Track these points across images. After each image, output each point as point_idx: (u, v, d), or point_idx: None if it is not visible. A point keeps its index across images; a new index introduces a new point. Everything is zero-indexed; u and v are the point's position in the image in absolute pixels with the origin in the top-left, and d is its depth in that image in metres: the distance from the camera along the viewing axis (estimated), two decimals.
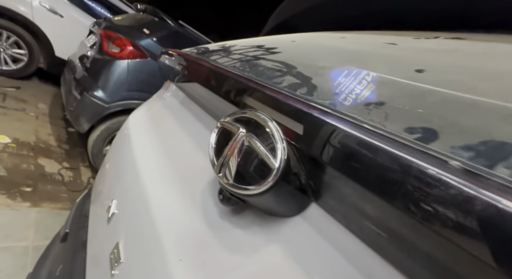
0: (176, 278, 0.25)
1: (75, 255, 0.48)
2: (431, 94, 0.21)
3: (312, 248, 0.22)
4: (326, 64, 0.31)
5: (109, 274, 0.32)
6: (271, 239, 0.24)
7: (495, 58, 0.26)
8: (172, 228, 0.30)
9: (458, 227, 0.13)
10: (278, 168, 0.20)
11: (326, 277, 0.21)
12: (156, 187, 0.37)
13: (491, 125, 0.17)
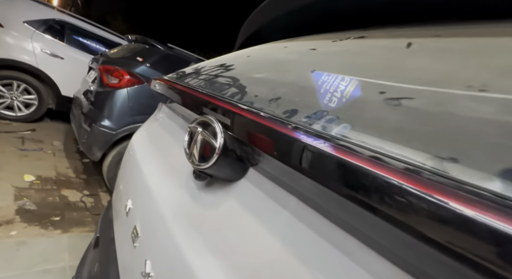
0: (174, 231, 0.38)
1: (107, 249, 0.61)
2: (307, 89, 0.34)
3: (254, 198, 0.35)
4: (258, 75, 0.43)
5: (132, 246, 0.45)
6: (230, 196, 0.36)
7: (362, 54, 0.39)
8: (170, 205, 0.43)
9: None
10: (219, 147, 0.33)
11: (264, 214, 0.33)
12: (157, 183, 0.50)
13: (312, 100, 0.29)
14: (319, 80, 0.35)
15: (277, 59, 0.50)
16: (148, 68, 2.27)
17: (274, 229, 0.30)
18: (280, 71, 0.43)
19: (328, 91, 0.31)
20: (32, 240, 1.48)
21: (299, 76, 0.38)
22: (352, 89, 0.30)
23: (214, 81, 0.48)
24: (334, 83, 0.32)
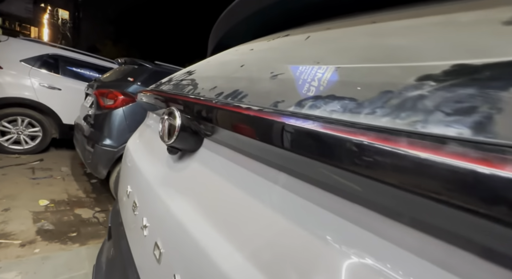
0: (161, 194, 0.53)
1: (118, 233, 0.77)
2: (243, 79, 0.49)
3: (211, 158, 0.50)
4: (207, 74, 0.59)
5: (133, 215, 0.61)
6: (195, 161, 0.52)
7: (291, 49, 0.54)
8: (156, 178, 0.58)
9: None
10: (178, 126, 0.48)
11: (218, 168, 0.48)
12: (146, 166, 0.66)
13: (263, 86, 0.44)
14: (242, 71, 0.50)
15: (225, 60, 0.66)
16: (140, 86, 2.45)
17: (226, 176, 0.45)
18: (223, 69, 0.58)
19: (243, 78, 0.46)
20: (54, 254, 1.64)
21: (232, 71, 0.54)
22: (256, 74, 0.45)
23: (177, 84, 0.64)
24: (248, 73, 0.48)
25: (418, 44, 0.32)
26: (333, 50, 0.42)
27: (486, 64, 0.23)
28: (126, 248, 0.68)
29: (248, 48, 0.70)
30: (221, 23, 0.98)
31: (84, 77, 3.68)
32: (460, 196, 0.16)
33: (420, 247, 0.21)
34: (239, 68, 0.53)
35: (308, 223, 0.29)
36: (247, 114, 0.35)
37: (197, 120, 0.47)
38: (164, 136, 0.52)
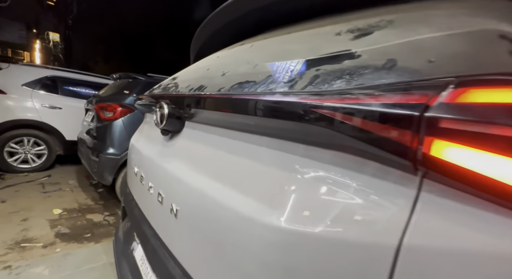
0: (160, 163, 0.76)
1: (131, 207, 1.00)
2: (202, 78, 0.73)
3: (191, 133, 0.73)
4: (185, 77, 0.83)
5: (141, 185, 0.84)
6: (181, 137, 0.75)
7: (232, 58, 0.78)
8: (155, 153, 0.82)
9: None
10: (166, 113, 0.71)
11: (195, 138, 0.72)
12: (147, 149, 0.89)
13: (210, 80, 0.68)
14: (207, 73, 0.74)
15: (198, 66, 0.90)
16: (135, 98, 2.69)
17: (201, 141, 0.68)
18: (195, 73, 0.82)
19: (206, 77, 0.70)
20: (74, 251, 1.86)
21: (201, 73, 0.78)
22: (214, 74, 0.69)
23: (165, 87, 0.88)
24: (210, 73, 0.72)
25: (297, 46, 0.56)
26: (259, 53, 0.66)
27: (325, 56, 0.47)
28: (138, 212, 0.91)
29: (215, 55, 0.94)
30: (197, 37, 1.22)
31: (81, 95, 3.93)
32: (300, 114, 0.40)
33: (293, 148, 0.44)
34: (206, 71, 0.77)
35: (253, 156, 0.52)
36: (205, 98, 0.59)
37: (178, 108, 0.71)
38: (158, 123, 0.75)
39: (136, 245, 0.90)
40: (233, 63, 0.71)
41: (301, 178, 0.39)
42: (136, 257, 0.87)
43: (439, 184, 0.29)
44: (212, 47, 1.19)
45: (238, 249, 0.43)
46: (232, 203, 0.46)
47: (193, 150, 0.68)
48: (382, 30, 0.46)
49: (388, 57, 0.38)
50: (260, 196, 0.43)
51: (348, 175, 0.35)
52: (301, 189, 0.39)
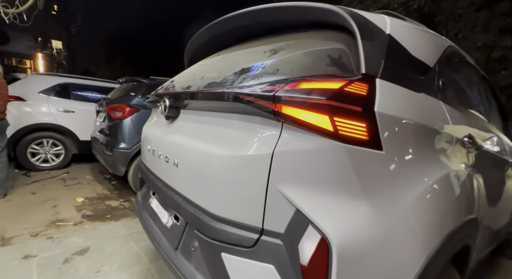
0: (165, 137, 1.16)
1: (147, 175, 1.41)
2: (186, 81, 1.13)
3: (185, 118, 1.13)
4: (179, 79, 1.22)
5: (153, 155, 1.24)
6: (179, 120, 1.14)
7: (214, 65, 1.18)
8: (160, 133, 1.22)
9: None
10: (168, 105, 1.10)
11: (188, 120, 1.12)
12: (154, 131, 1.30)
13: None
14: (193, 76, 1.14)
15: (188, 72, 1.29)
16: (140, 99, 3.10)
17: (191, 120, 1.07)
18: (186, 77, 1.22)
19: (192, 80, 1.10)
20: (99, 226, 2.30)
21: (189, 77, 1.17)
22: (197, 77, 1.09)
23: (165, 87, 1.28)
24: (195, 77, 1.11)
25: (242, 59, 0.95)
26: (223, 63, 1.05)
27: (251, 66, 0.86)
28: (152, 175, 1.31)
29: (200, 63, 1.33)
30: (189, 47, 1.61)
31: (90, 99, 4.37)
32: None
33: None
34: (192, 76, 1.17)
35: (216, 124, 0.91)
36: (189, 93, 0.99)
37: (175, 101, 1.11)
38: (163, 111, 1.15)
39: (152, 199, 1.31)
40: (208, 70, 1.10)
41: (234, 131, 0.79)
42: (153, 206, 1.28)
43: (289, 124, 0.68)
44: (200, 55, 1.58)
45: (210, 172, 0.83)
46: (208, 150, 0.86)
47: (186, 126, 1.08)
48: (281, 50, 0.85)
49: (276, 67, 0.77)
50: (220, 143, 0.83)
51: (253, 123, 0.74)
52: (235, 136, 0.78)
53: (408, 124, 0.75)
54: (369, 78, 0.70)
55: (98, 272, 1.67)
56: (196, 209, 0.88)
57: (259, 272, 0.69)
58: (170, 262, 0.96)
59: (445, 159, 0.84)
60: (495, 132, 1.50)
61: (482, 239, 1.21)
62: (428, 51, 0.97)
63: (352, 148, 0.64)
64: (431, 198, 0.73)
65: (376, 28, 0.81)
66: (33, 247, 1.90)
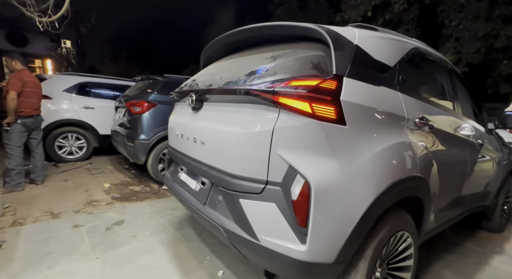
0: (192, 124, 1.52)
1: (175, 155, 1.78)
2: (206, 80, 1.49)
3: (207, 108, 1.48)
4: (199, 78, 1.58)
5: (181, 138, 1.61)
6: (203, 110, 1.50)
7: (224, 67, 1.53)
8: (187, 120, 1.58)
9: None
10: (194, 99, 1.45)
11: (210, 110, 1.47)
12: (181, 120, 1.66)
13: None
14: (212, 76, 1.49)
15: (206, 72, 1.64)
16: (157, 95, 3.48)
17: (213, 110, 1.42)
18: (205, 76, 1.57)
19: (212, 79, 1.45)
20: (128, 205, 2.71)
21: (209, 76, 1.52)
22: (216, 77, 1.44)
23: (189, 85, 1.63)
24: (214, 76, 1.47)
25: (250, 63, 1.30)
26: (235, 65, 1.40)
27: (258, 69, 1.21)
28: (180, 154, 1.68)
29: (216, 65, 1.68)
30: (208, 49, 1.94)
31: (108, 96, 4.78)
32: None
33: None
34: (211, 76, 1.52)
35: (232, 111, 1.26)
36: (211, 89, 1.35)
37: (200, 95, 1.46)
38: (190, 104, 1.51)
39: (180, 173, 1.69)
40: (224, 71, 1.45)
41: (246, 115, 1.15)
42: (182, 178, 1.65)
43: (284, 110, 1.03)
44: (213, 58, 1.92)
45: (230, 145, 1.19)
46: (228, 129, 1.22)
47: (209, 115, 1.43)
48: (279, 57, 1.20)
49: (275, 70, 1.12)
50: (236, 125, 1.18)
51: (260, 110, 1.10)
52: (247, 119, 1.14)
53: (367, 108, 1.09)
54: (338, 77, 1.04)
55: (135, 237, 2.07)
56: (220, 173, 1.24)
57: (265, 208, 1.05)
58: (201, 214, 1.34)
59: (395, 133, 1.18)
60: (461, 118, 1.81)
61: (441, 201, 1.55)
62: (389, 54, 1.29)
63: (325, 124, 0.98)
64: (381, 158, 1.07)
65: (346, 40, 1.14)
66: (78, 220, 2.32)
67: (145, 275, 1.61)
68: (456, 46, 8.41)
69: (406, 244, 1.30)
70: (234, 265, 1.75)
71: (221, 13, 17.02)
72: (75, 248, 1.87)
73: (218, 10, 16.69)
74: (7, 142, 2.94)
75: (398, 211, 1.22)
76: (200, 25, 8.22)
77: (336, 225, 0.98)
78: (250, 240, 1.08)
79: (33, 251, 1.80)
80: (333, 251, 0.98)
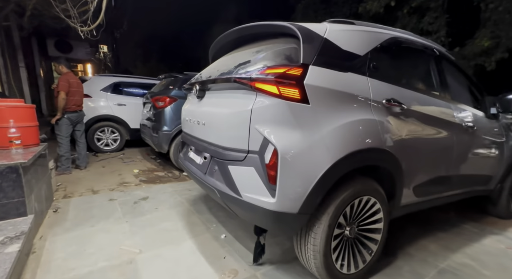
0: (198, 110, 1.86)
1: (186, 137, 2.15)
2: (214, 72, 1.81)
3: (210, 96, 1.80)
4: (208, 71, 1.90)
5: (190, 122, 1.95)
6: (206, 98, 1.82)
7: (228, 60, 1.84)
8: (194, 107, 1.92)
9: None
10: (198, 88, 1.78)
11: (212, 97, 1.80)
12: (190, 108, 2.01)
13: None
14: (215, 69, 1.81)
15: (212, 66, 1.96)
16: (178, 91, 3.91)
17: (214, 97, 1.74)
18: (210, 69, 1.89)
19: (215, 72, 1.77)
20: (153, 186, 3.17)
21: (213, 69, 1.84)
22: (219, 70, 1.76)
23: (197, 78, 1.96)
24: (217, 69, 1.79)
25: (242, 57, 1.59)
26: (232, 60, 1.71)
27: (246, 61, 1.50)
28: (189, 136, 2.03)
29: (218, 60, 2.00)
30: (213, 47, 2.27)
31: (137, 93, 5.38)
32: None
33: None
34: (213, 69, 1.84)
35: (229, 97, 1.57)
36: (211, 79, 1.67)
37: (202, 86, 1.79)
38: (195, 93, 1.85)
39: (190, 152, 2.04)
40: (221, 65, 1.76)
41: (233, 99, 1.44)
42: (191, 156, 2.00)
43: (260, 93, 1.31)
44: (220, 53, 2.24)
45: (222, 123, 1.50)
46: (220, 111, 1.54)
47: (209, 101, 1.76)
48: (261, 51, 1.48)
49: (256, 61, 1.41)
50: (226, 107, 1.49)
51: (243, 94, 1.39)
52: (234, 102, 1.44)
53: (330, 90, 1.32)
54: (304, 65, 1.29)
55: (156, 209, 2.49)
56: (216, 147, 1.56)
57: (246, 172, 1.34)
58: (203, 181, 1.67)
59: (359, 111, 1.38)
60: (447, 102, 1.92)
61: (418, 177, 1.71)
62: (359, 44, 1.50)
63: (291, 103, 1.24)
64: (341, 130, 1.30)
65: (315, 34, 1.38)
66: (113, 195, 2.82)
67: (163, 235, 2.00)
68: (494, 30, 7.81)
69: (374, 209, 1.50)
70: (236, 231, 2.07)
71: (243, 10, 17.45)
72: (110, 214, 2.33)
73: (240, 8, 17.17)
74: (57, 133, 3.58)
75: (362, 178, 1.44)
76: (223, 23, 9.07)
77: (299, 183, 1.24)
78: (235, 197, 1.38)
79: (80, 215, 2.30)
80: (297, 203, 1.24)
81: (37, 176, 2.04)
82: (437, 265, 1.71)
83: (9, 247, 1.33)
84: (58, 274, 1.48)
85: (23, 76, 5.46)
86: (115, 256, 1.69)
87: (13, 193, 1.65)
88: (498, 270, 1.68)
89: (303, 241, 1.39)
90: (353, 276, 1.49)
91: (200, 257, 1.71)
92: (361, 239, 1.53)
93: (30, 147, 2.18)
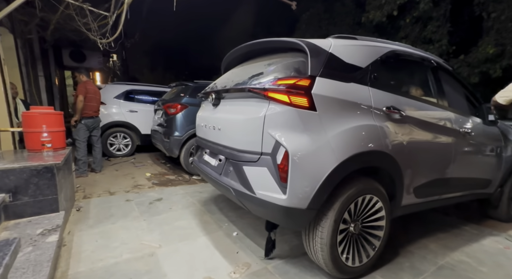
0: (213, 117, 2.04)
1: (201, 142, 2.33)
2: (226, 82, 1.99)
3: (225, 104, 1.98)
4: (220, 81, 2.09)
5: (205, 127, 2.13)
6: (222, 105, 1.99)
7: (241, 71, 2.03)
8: (208, 114, 2.10)
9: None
10: (214, 97, 1.96)
11: (226, 105, 1.98)
12: (205, 114, 2.19)
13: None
14: (228, 79, 2.00)
15: (225, 77, 2.15)
16: (188, 98, 4.12)
17: (228, 105, 1.92)
18: (224, 79, 2.08)
19: (228, 82, 1.96)
20: (165, 189, 3.33)
21: (226, 80, 2.03)
22: (232, 80, 1.94)
23: (211, 87, 2.15)
24: (230, 80, 1.97)
25: (253, 69, 1.78)
26: (244, 71, 1.89)
27: (258, 73, 1.68)
28: (204, 141, 2.20)
29: (231, 71, 2.19)
30: (225, 59, 2.47)
31: (148, 101, 5.61)
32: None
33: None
34: (227, 79, 2.02)
35: (243, 105, 1.74)
36: (226, 89, 1.85)
37: (218, 94, 1.97)
38: (211, 101, 2.03)
39: (204, 155, 2.21)
40: (235, 76, 1.94)
41: (247, 107, 1.62)
42: (205, 158, 2.17)
43: (272, 101, 1.48)
44: (232, 65, 2.43)
45: (237, 128, 1.67)
46: (235, 117, 1.71)
47: (224, 109, 1.93)
48: (273, 64, 1.66)
49: (268, 73, 1.58)
50: (241, 114, 1.66)
51: (256, 102, 1.56)
52: (248, 109, 1.61)
53: (335, 98, 1.49)
54: (312, 77, 1.46)
55: (170, 209, 2.65)
56: (231, 150, 1.73)
57: (260, 171, 1.50)
58: (219, 181, 1.82)
59: (362, 117, 1.54)
60: (444, 110, 2.06)
61: (418, 179, 1.84)
62: (361, 58, 1.67)
63: (300, 110, 1.41)
64: (345, 135, 1.45)
65: (321, 49, 1.56)
66: (129, 196, 2.99)
67: (179, 232, 2.15)
68: (498, 38, 7.96)
69: (377, 207, 1.64)
70: (246, 229, 2.21)
71: (248, 21, 17.92)
72: (128, 213, 2.50)
73: (245, 18, 17.66)
74: (75, 137, 3.79)
75: (365, 178, 1.58)
76: (229, 33, 9.25)
77: (307, 181, 1.39)
78: (249, 194, 1.53)
79: (100, 213, 2.47)
80: (306, 200, 1.39)
81: (64, 176, 2.22)
82: (436, 262, 1.82)
83: (49, 237, 1.50)
84: (89, 263, 1.64)
85: (42, 85, 5.76)
86: (137, 249, 1.84)
87: (48, 191, 1.83)
88: (494, 266, 1.78)
89: (311, 235, 1.53)
90: (357, 269, 1.61)
91: (214, 252, 1.86)
92: (365, 235, 1.66)
93: (58, 150, 2.38)
